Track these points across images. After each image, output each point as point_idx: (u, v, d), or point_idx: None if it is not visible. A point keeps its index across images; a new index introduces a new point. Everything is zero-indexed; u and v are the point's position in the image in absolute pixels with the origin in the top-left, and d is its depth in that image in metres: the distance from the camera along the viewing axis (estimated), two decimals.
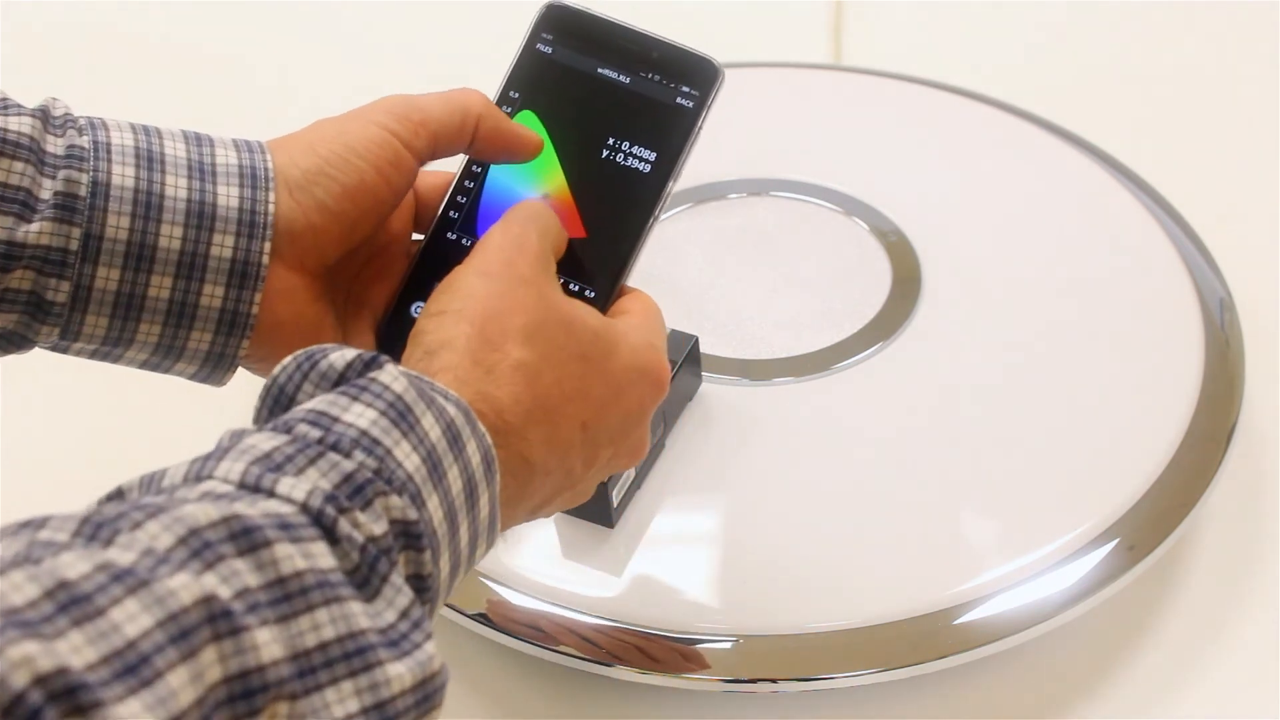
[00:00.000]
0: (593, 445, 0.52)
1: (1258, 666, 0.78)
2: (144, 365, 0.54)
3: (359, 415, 0.43)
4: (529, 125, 0.57)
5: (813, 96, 1.10)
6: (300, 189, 0.53)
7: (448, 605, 0.75)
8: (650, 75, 0.56)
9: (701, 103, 0.56)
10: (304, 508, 0.40)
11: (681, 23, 1.30)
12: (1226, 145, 1.14)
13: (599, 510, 0.76)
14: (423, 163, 0.56)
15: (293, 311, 0.54)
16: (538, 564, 0.76)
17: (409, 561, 0.43)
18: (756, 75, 1.12)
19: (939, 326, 0.87)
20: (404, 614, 0.41)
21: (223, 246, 0.51)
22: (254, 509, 0.39)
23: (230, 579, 0.37)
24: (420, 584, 0.43)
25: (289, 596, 0.38)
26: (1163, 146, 1.11)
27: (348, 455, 0.42)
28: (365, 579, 0.40)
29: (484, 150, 0.56)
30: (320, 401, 0.44)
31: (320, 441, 0.42)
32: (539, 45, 0.57)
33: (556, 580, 0.75)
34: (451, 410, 0.45)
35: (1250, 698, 0.77)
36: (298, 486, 0.40)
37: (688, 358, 0.80)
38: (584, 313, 0.52)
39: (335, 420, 0.43)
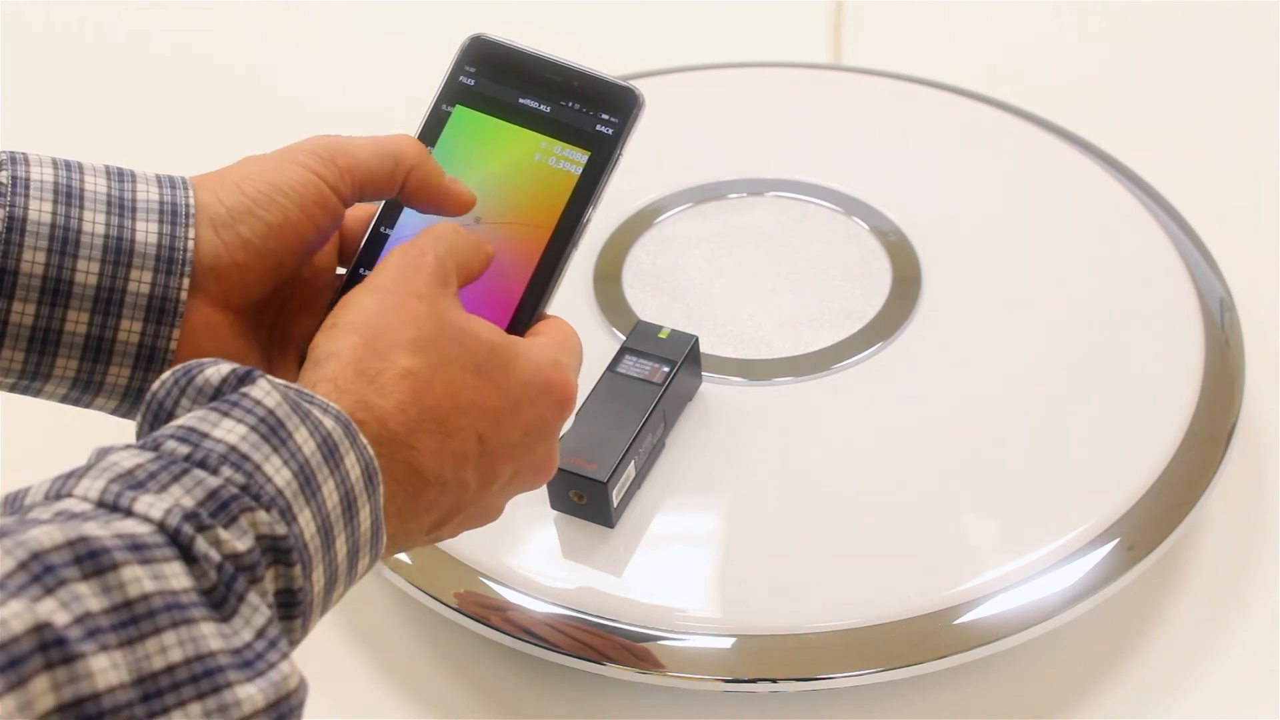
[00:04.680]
0: (491, 459, 0.51)
1: (1258, 666, 0.78)
2: (64, 399, 0.54)
3: (228, 431, 0.43)
4: (467, 120, 0.57)
5: (813, 96, 1.10)
6: (225, 226, 0.53)
7: (449, 605, 0.75)
8: (571, 104, 0.57)
9: (620, 130, 0.57)
10: (161, 526, 0.40)
11: (682, 23, 1.30)
12: (1226, 145, 1.14)
13: (599, 510, 0.76)
14: (349, 205, 0.56)
15: (217, 347, 0.54)
16: (538, 564, 0.76)
17: (279, 576, 0.43)
18: (756, 75, 1.12)
19: (939, 326, 0.88)
20: (260, 633, 0.41)
21: (140, 282, 0.52)
22: (106, 530, 0.38)
23: (70, 604, 0.36)
24: (290, 598, 0.43)
25: (135, 619, 0.37)
26: (1163, 146, 1.11)
27: (214, 471, 0.42)
28: (223, 598, 0.40)
29: (413, 201, 0.56)
30: (191, 418, 0.44)
31: (187, 458, 0.42)
32: (462, 77, 0.58)
33: (556, 580, 0.75)
34: (329, 423, 0.45)
35: (1250, 698, 0.77)
36: (156, 505, 0.40)
37: (688, 358, 0.80)
38: (480, 327, 0.51)
39: (204, 436, 0.43)
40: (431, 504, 0.50)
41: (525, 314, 0.56)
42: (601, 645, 0.73)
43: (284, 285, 0.56)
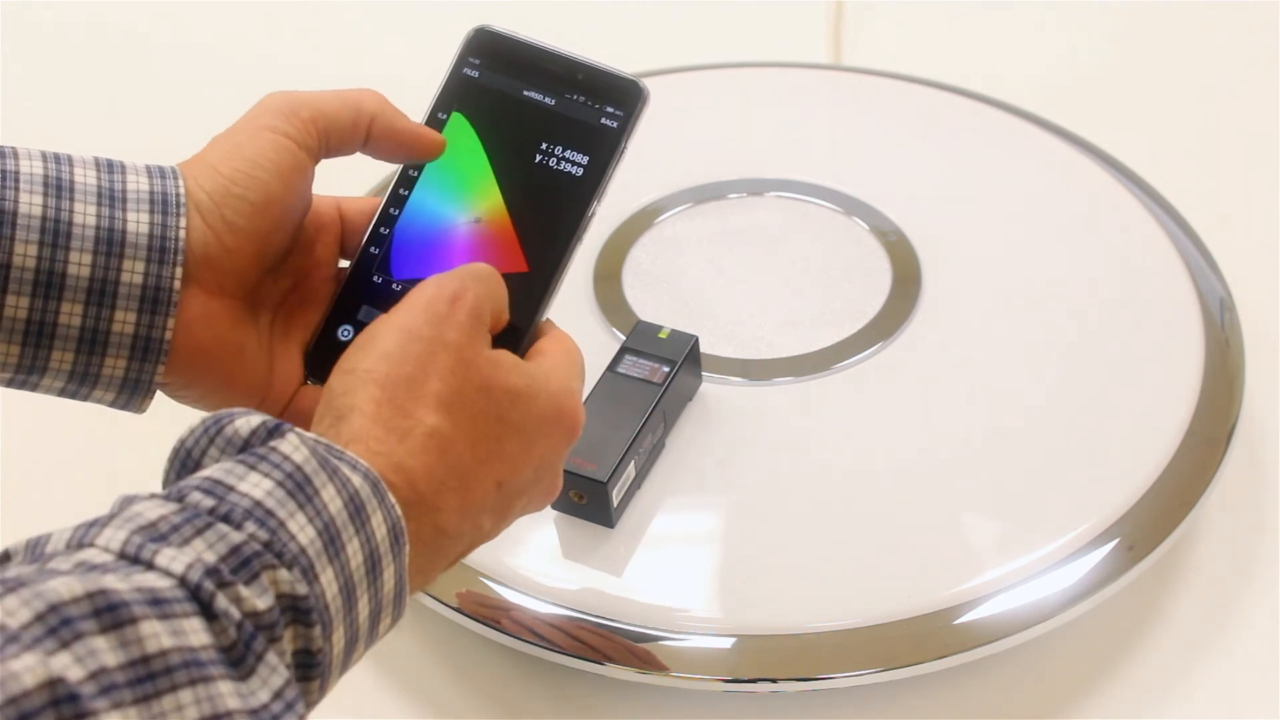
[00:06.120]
0: (506, 500, 0.51)
1: (1258, 666, 0.78)
2: (61, 393, 0.54)
3: (254, 485, 0.42)
4: (461, 129, 0.57)
5: (813, 96, 1.10)
6: (210, 212, 0.53)
7: (450, 606, 0.75)
8: (575, 96, 0.57)
9: (626, 122, 0.56)
10: (182, 581, 0.39)
11: (682, 23, 1.30)
12: (1226, 145, 1.14)
13: (599, 510, 0.76)
14: (317, 161, 0.55)
15: (213, 336, 0.53)
16: (538, 564, 0.76)
17: (297, 636, 0.42)
18: (756, 75, 1.12)
19: (939, 326, 0.87)
20: (278, 694, 0.40)
21: (133, 273, 0.51)
22: (125, 583, 0.38)
23: (85, 659, 0.36)
24: (309, 659, 0.42)
25: (152, 676, 0.37)
26: (1163, 146, 1.11)
27: (238, 526, 0.41)
28: (241, 656, 0.39)
29: (380, 149, 0.56)
30: (218, 469, 0.43)
31: (212, 511, 0.41)
32: (466, 69, 0.58)
33: (556, 580, 0.75)
34: (357, 481, 0.44)
35: (1250, 698, 0.77)
36: (178, 559, 0.39)
37: (688, 358, 0.80)
38: (505, 373, 0.50)
39: (230, 489, 0.42)
40: (448, 554, 0.50)
41: (531, 319, 0.56)
42: (602, 645, 0.73)
43: (283, 277, 0.56)
